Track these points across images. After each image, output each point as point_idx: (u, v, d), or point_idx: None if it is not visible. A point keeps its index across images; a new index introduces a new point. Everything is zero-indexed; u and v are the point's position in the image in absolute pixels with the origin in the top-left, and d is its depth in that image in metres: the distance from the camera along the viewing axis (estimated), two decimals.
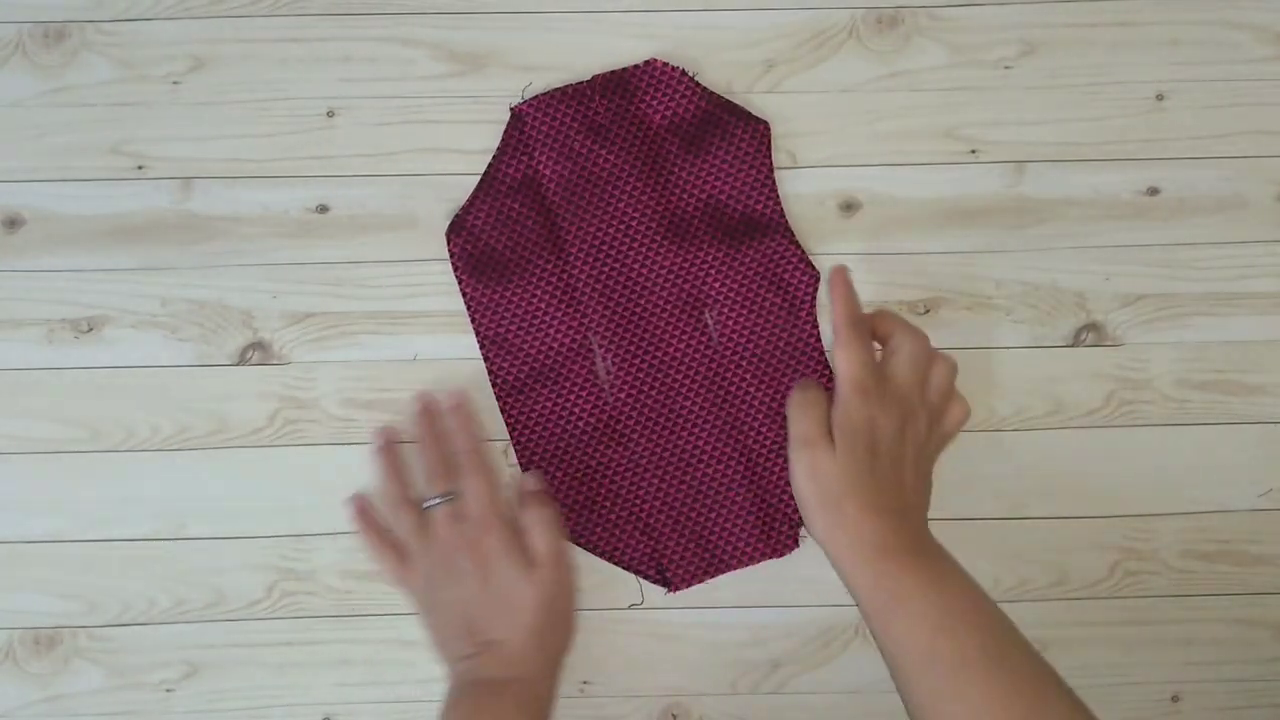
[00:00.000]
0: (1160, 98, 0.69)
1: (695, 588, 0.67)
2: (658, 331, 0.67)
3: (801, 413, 0.58)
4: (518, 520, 0.63)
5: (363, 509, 0.65)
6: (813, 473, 0.57)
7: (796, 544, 0.67)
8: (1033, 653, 0.56)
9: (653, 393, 0.67)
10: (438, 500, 0.62)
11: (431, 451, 0.64)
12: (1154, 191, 0.69)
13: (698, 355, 0.67)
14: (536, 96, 0.68)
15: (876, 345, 0.60)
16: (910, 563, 0.56)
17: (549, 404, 0.67)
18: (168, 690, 0.67)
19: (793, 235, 0.68)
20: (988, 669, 0.54)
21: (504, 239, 0.68)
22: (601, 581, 0.67)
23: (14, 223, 0.68)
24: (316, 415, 0.67)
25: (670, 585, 0.67)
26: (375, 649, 0.67)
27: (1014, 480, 0.68)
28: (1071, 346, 0.69)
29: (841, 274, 0.60)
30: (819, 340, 0.68)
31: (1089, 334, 0.68)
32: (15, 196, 0.68)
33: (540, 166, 0.68)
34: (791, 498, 0.67)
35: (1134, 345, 0.68)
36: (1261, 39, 0.69)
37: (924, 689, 0.55)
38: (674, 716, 0.68)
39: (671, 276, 0.67)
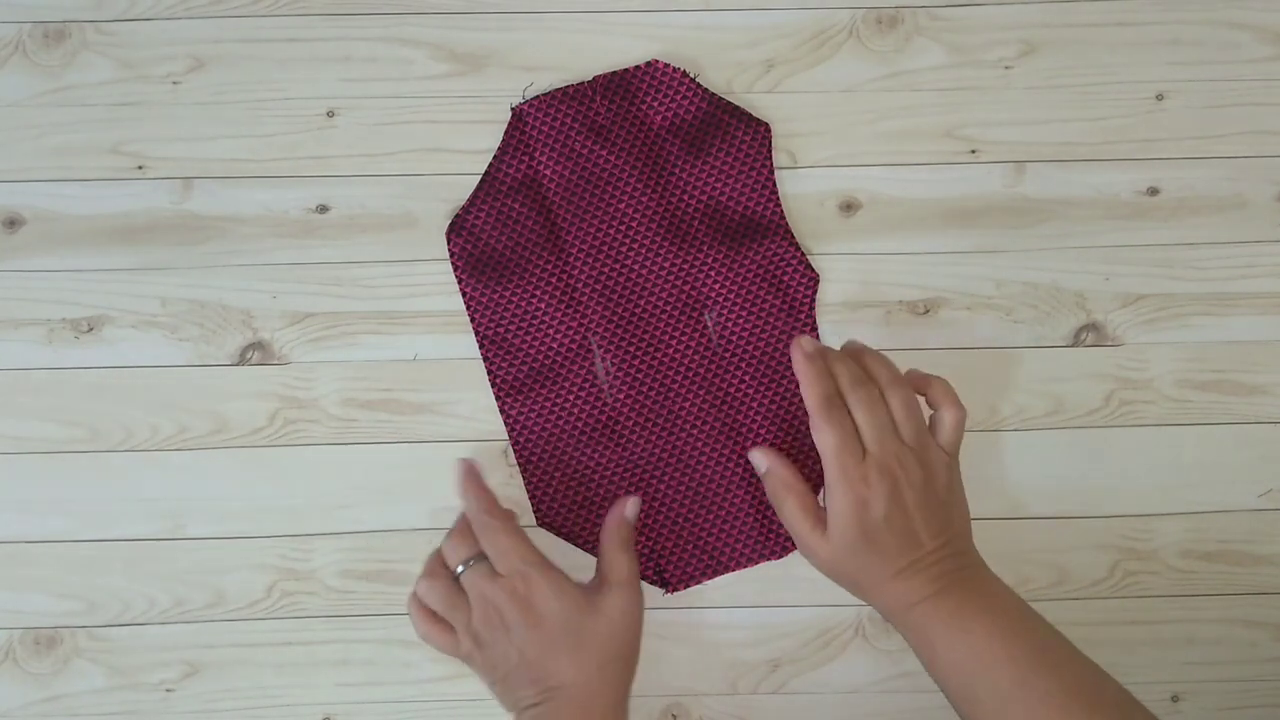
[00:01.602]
0: (1160, 98, 0.69)
1: (695, 588, 0.67)
2: (657, 333, 0.67)
3: (782, 507, 0.61)
4: (607, 550, 0.63)
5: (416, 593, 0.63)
6: (819, 563, 0.61)
7: (794, 547, 0.67)
8: (1076, 667, 0.57)
9: (651, 394, 0.67)
10: (464, 568, 0.61)
11: (459, 520, 0.64)
12: (1154, 191, 0.69)
13: (697, 357, 0.67)
14: (538, 96, 0.68)
15: None
16: (932, 612, 0.58)
17: (548, 404, 0.67)
18: (168, 690, 0.67)
19: (792, 237, 0.68)
20: (1026, 702, 0.55)
21: (504, 239, 0.68)
22: None
23: (14, 223, 0.68)
24: (316, 415, 0.67)
25: (668, 586, 0.67)
26: (375, 649, 0.67)
27: (1014, 480, 0.68)
28: (1071, 346, 0.69)
29: (803, 351, 0.60)
30: None
31: (1089, 334, 0.68)
32: (15, 196, 0.68)
33: (541, 166, 0.68)
34: None
35: (1134, 345, 0.68)
36: (1261, 39, 0.69)
37: None
38: (674, 716, 0.68)
39: (671, 278, 0.67)
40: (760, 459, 0.63)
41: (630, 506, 0.65)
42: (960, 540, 0.60)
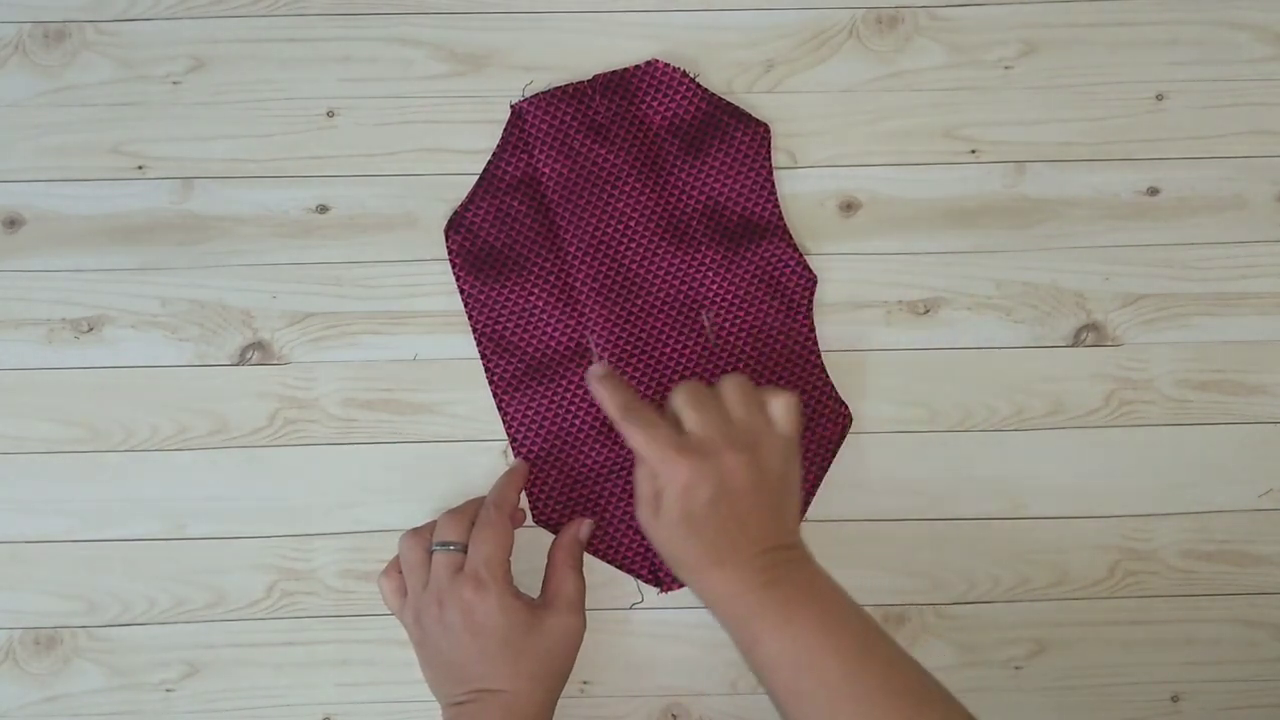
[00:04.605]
0: (1160, 98, 0.69)
1: None
2: (654, 332, 0.67)
3: (635, 482, 0.59)
4: (556, 567, 0.63)
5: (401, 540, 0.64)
6: (648, 537, 0.59)
7: None
8: (901, 664, 0.55)
9: (648, 393, 0.67)
10: (440, 547, 0.61)
11: (468, 502, 0.64)
12: (1154, 191, 0.69)
13: (694, 356, 0.67)
14: (537, 94, 0.68)
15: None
16: (757, 604, 0.56)
17: (545, 402, 0.67)
18: (168, 690, 0.67)
19: (791, 238, 0.68)
20: (855, 696, 0.54)
21: (502, 236, 0.68)
22: (602, 581, 0.67)
23: (14, 223, 0.68)
24: (316, 415, 0.67)
25: (662, 585, 0.67)
26: (375, 649, 0.67)
27: (1014, 480, 0.68)
28: (1071, 346, 0.69)
29: (593, 376, 0.60)
30: (815, 343, 0.68)
31: (1089, 334, 0.68)
32: (15, 196, 0.68)
33: (540, 165, 0.68)
34: None
35: (1134, 345, 0.68)
36: (1261, 39, 0.69)
37: None
38: (674, 716, 0.68)
39: (669, 277, 0.67)
40: (610, 410, 0.59)
41: (584, 528, 0.65)
42: (789, 533, 0.59)
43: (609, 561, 0.67)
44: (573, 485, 0.67)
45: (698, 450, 0.57)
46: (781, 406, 0.59)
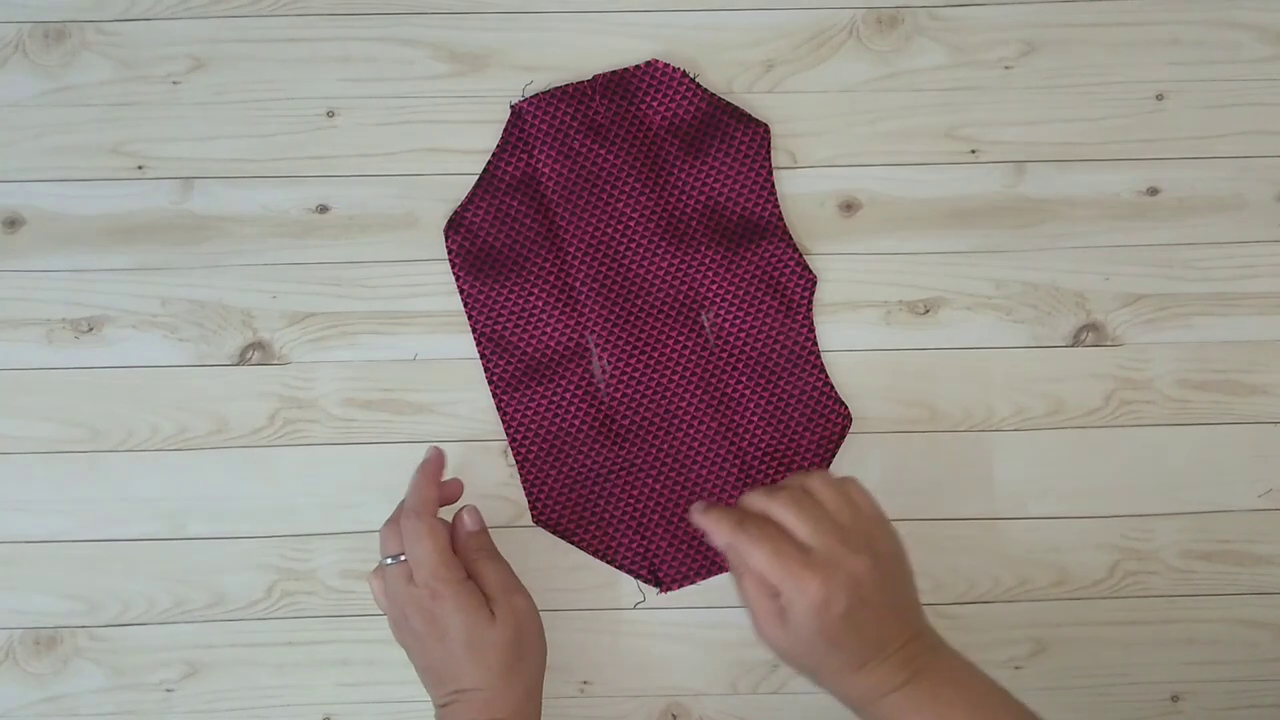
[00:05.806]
0: (1160, 98, 0.69)
1: (693, 587, 0.67)
2: (654, 332, 0.67)
3: (740, 584, 0.57)
4: (470, 565, 0.61)
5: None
6: (774, 651, 0.57)
7: None
8: None
9: (648, 393, 0.67)
10: (391, 560, 0.60)
11: (400, 508, 0.63)
12: (1154, 191, 0.69)
13: (694, 356, 0.67)
14: (537, 95, 0.68)
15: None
16: (907, 701, 0.55)
17: (545, 402, 0.67)
18: (168, 690, 0.67)
19: (790, 238, 0.68)
20: None
21: (502, 236, 0.68)
22: (603, 581, 0.67)
23: (14, 223, 0.68)
24: (316, 415, 0.68)
25: (662, 585, 0.67)
26: (375, 649, 0.67)
27: (1014, 480, 0.68)
28: (1071, 346, 0.69)
29: (695, 514, 0.58)
30: (814, 343, 0.68)
31: (1089, 334, 0.68)
32: (15, 196, 0.68)
33: (540, 165, 0.68)
34: None
35: (1134, 345, 0.68)
36: (1261, 39, 0.69)
37: None
38: (674, 716, 0.68)
39: (669, 277, 0.67)
40: (721, 532, 0.57)
41: (468, 518, 0.62)
42: (919, 620, 0.58)
43: (609, 562, 0.67)
44: (572, 485, 0.67)
45: (824, 564, 0.55)
46: (857, 490, 0.58)
